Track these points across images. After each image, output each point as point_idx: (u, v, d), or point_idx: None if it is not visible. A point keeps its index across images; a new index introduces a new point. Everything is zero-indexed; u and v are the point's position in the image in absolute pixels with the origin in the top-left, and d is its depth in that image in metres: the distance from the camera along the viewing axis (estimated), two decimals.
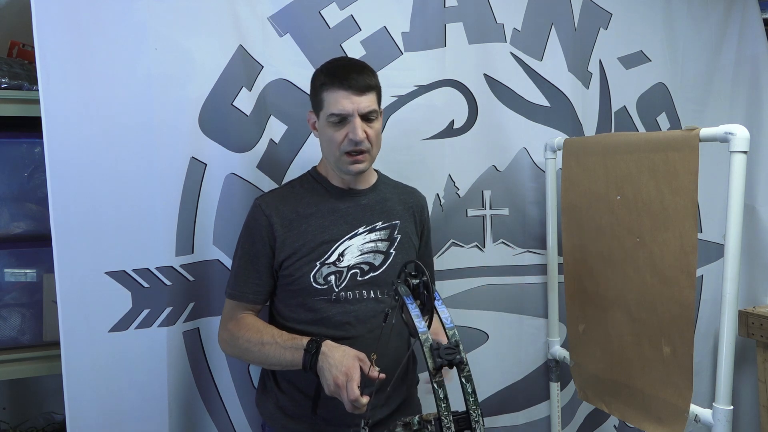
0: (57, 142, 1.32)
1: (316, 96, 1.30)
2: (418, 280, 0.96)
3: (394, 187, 1.47)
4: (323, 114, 1.28)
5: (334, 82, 1.25)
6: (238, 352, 1.33)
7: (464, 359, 0.83)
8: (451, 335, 0.86)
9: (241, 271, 1.34)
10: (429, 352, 0.83)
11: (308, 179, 1.40)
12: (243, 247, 1.35)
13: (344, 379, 1.12)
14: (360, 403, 1.09)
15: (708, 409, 1.34)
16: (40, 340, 1.59)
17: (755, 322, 2.00)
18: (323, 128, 1.29)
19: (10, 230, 1.59)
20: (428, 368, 0.82)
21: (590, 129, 1.93)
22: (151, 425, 1.46)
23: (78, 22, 1.33)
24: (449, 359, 0.82)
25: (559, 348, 1.86)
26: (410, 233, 1.42)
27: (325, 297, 1.31)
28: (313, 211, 1.34)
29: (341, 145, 1.27)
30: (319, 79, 1.29)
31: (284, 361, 1.23)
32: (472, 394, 0.81)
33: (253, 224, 1.34)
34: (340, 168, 1.32)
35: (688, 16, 2.05)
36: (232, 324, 1.33)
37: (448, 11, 1.74)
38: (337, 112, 1.25)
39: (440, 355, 0.82)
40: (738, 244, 1.27)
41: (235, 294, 1.34)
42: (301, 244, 1.31)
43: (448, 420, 0.78)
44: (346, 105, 1.24)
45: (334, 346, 1.19)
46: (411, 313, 0.90)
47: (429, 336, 0.86)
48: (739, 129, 1.24)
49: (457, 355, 0.82)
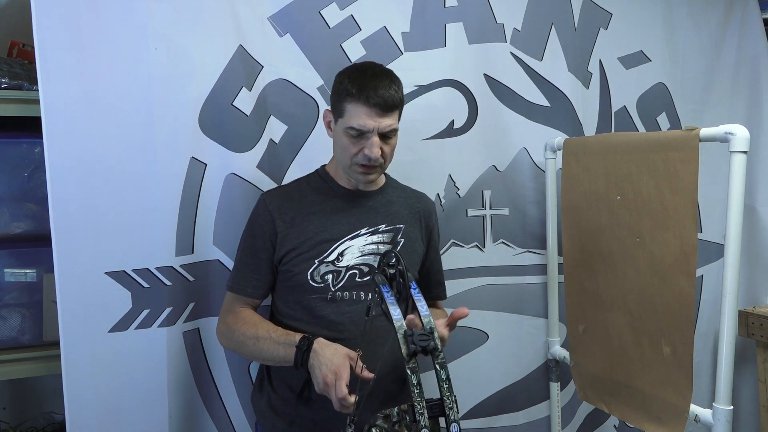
0: (57, 142, 1.32)
1: (338, 101, 1.26)
2: (394, 269, 0.96)
3: (401, 190, 1.46)
4: (342, 122, 1.26)
5: (360, 97, 1.22)
6: (233, 345, 1.34)
7: (438, 345, 0.83)
8: (426, 322, 0.87)
9: (241, 264, 1.35)
10: (403, 339, 0.84)
11: (316, 178, 1.41)
12: (245, 240, 1.36)
13: (333, 377, 1.11)
14: (347, 402, 1.09)
15: (708, 409, 1.34)
16: (40, 340, 1.59)
17: (755, 322, 2.00)
18: (339, 135, 1.28)
19: (10, 230, 1.59)
20: (402, 354, 0.82)
21: (590, 129, 1.93)
22: (151, 425, 1.46)
23: (78, 22, 1.33)
24: (423, 345, 0.82)
25: (559, 348, 1.86)
26: (414, 238, 1.41)
27: (321, 296, 1.31)
28: (317, 210, 1.34)
29: (354, 157, 1.27)
30: (345, 86, 1.24)
31: (277, 356, 1.23)
32: (446, 380, 0.81)
33: (255, 219, 1.35)
34: (350, 175, 1.33)
35: (688, 16, 2.05)
36: (230, 317, 1.34)
37: (448, 11, 1.74)
38: (357, 127, 1.23)
39: (414, 342, 0.82)
40: (738, 244, 1.27)
41: (235, 287, 1.35)
42: (301, 241, 1.31)
43: (421, 406, 0.78)
44: (368, 123, 1.22)
45: (326, 344, 1.19)
46: (386, 302, 0.90)
47: (403, 323, 0.87)
48: (739, 129, 1.24)
49: (431, 342, 0.83)
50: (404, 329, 0.85)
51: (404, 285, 0.94)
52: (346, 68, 1.31)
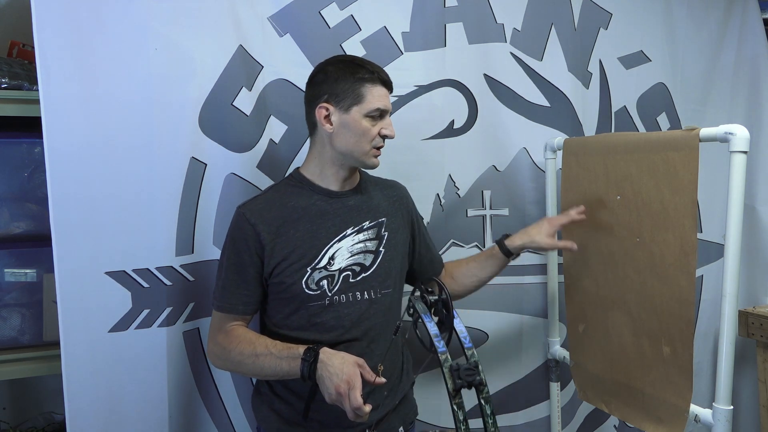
0: (57, 142, 1.32)
1: (351, 89, 1.26)
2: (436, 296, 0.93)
3: (375, 183, 1.45)
4: (362, 108, 1.26)
5: (377, 79, 1.28)
6: (230, 365, 1.30)
7: (483, 380, 0.81)
8: (470, 355, 0.84)
9: (228, 282, 1.29)
10: (449, 373, 0.81)
11: (291, 182, 1.36)
12: (229, 258, 1.30)
13: (346, 387, 1.09)
14: (363, 412, 1.07)
15: (708, 409, 1.34)
16: (40, 340, 1.59)
17: (755, 322, 2.00)
18: (356, 122, 1.26)
19: (10, 230, 1.59)
20: (447, 390, 0.80)
21: (590, 129, 1.93)
22: (151, 425, 1.46)
23: (78, 22, 1.33)
24: (469, 380, 0.80)
25: (559, 348, 1.86)
26: (397, 228, 1.41)
27: (319, 302, 1.29)
28: (300, 215, 1.31)
29: (374, 140, 1.29)
30: (359, 72, 1.27)
31: (281, 371, 1.20)
32: (491, 416, 0.79)
33: (238, 234, 1.29)
34: (364, 161, 1.31)
35: (688, 16, 2.05)
36: (221, 337, 1.29)
37: (448, 11, 1.74)
38: (382, 107, 1.28)
39: (460, 376, 0.80)
40: (738, 244, 1.27)
41: (224, 306, 1.29)
42: (290, 250, 1.28)
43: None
44: (387, 102, 1.29)
45: (332, 353, 1.16)
46: (430, 332, 0.87)
47: (448, 356, 0.84)
48: (739, 129, 1.24)
49: (477, 376, 0.80)
50: (450, 363, 0.82)
51: (447, 315, 0.91)
52: (333, 60, 1.32)
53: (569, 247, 1.50)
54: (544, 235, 1.47)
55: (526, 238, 1.48)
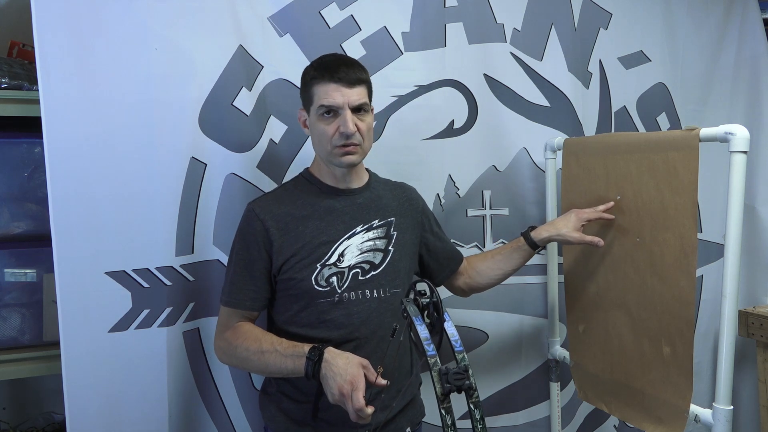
0: (57, 142, 1.32)
1: (306, 91, 1.29)
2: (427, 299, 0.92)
3: (385, 183, 1.46)
4: (313, 108, 1.27)
5: (324, 75, 1.24)
6: (236, 361, 1.30)
7: (473, 385, 0.80)
8: (461, 359, 0.83)
9: (237, 278, 1.30)
10: (438, 376, 0.80)
11: (301, 181, 1.38)
12: (238, 253, 1.31)
13: (349, 388, 1.09)
14: (365, 413, 1.07)
15: (708, 409, 1.34)
16: (40, 340, 1.59)
17: (755, 322, 2.00)
18: (314, 123, 1.28)
19: (10, 230, 1.59)
20: (436, 394, 0.79)
21: (590, 129, 1.93)
22: (151, 425, 1.46)
23: (78, 22, 1.33)
24: (458, 385, 0.79)
25: (559, 348, 1.86)
26: (407, 228, 1.41)
27: (329, 299, 1.28)
28: (309, 213, 1.32)
29: (332, 139, 1.26)
30: (309, 73, 1.28)
31: (285, 369, 1.20)
32: (480, 420, 0.78)
33: (247, 229, 1.30)
34: (332, 162, 1.30)
35: (688, 16, 2.05)
36: (228, 333, 1.30)
37: (448, 11, 1.74)
38: (327, 104, 1.24)
39: (449, 381, 0.79)
40: (738, 244, 1.27)
41: (232, 301, 1.30)
42: (299, 246, 1.28)
43: None
44: (337, 97, 1.24)
45: (337, 354, 1.15)
46: (420, 335, 0.86)
47: (437, 360, 0.83)
48: (739, 129, 1.24)
49: (466, 380, 0.79)
50: (439, 366, 0.81)
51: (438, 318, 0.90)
52: (311, 63, 1.33)
53: (596, 243, 1.44)
54: (572, 228, 1.46)
55: (553, 231, 1.47)
